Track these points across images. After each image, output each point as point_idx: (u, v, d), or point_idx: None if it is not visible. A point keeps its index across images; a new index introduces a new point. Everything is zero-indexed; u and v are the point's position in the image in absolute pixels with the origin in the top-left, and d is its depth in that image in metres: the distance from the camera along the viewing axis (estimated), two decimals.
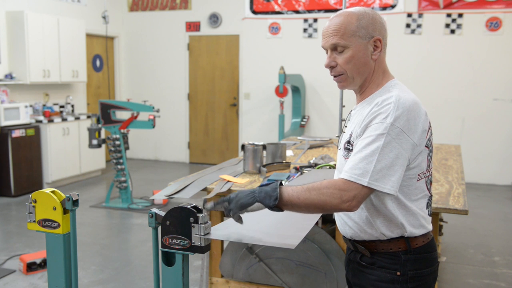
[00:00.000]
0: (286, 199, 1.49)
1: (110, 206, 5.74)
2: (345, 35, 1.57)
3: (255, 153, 3.06)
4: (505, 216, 5.65)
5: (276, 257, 2.71)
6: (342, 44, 1.57)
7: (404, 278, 1.57)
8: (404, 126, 1.47)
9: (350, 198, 1.44)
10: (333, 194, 1.44)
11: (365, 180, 1.43)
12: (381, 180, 1.44)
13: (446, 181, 2.90)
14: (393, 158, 1.45)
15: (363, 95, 1.65)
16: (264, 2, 7.92)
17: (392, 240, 1.57)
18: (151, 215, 1.53)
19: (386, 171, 1.44)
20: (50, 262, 1.64)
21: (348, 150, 1.59)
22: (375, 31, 1.59)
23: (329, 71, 1.66)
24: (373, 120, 1.49)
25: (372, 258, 1.60)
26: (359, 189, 1.44)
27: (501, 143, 7.06)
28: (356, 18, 1.57)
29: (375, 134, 1.46)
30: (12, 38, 6.53)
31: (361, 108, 1.63)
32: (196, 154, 8.72)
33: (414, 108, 1.50)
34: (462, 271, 4.01)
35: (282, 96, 7.04)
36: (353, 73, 1.60)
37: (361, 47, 1.58)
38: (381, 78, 1.63)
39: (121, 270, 3.98)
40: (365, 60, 1.59)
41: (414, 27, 7.23)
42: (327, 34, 1.61)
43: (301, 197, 1.47)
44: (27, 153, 6.36)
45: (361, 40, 1.57)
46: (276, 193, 1.48)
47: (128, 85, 8.95)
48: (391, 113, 1.47)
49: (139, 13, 8.71)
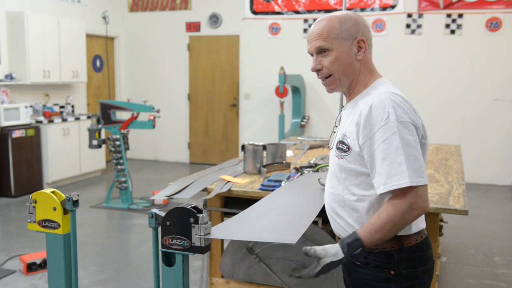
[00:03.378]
0: (369, 247, 1.53)
1: (110, 206, 5.74)
2: (328, 38, 1.61)
3: (255, 153, 3.06)
4: (505, 216, 5.65)
5: (276, 257, 2.71)
6: (326, 47, 1.61)
7: (398, 277, 1.58)
8: (406, 116, 1.51)
9: (416, 203, 1.47)
10: (402, 213, 1.47)
11: (407, 181, 1.45)
12: (419, 175, 1.47)
13: (446, 181, 2.90)
14: (413, 149, 1.48)
15: (352, 95, 1.68)
16: (264, 3, 7.92)
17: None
18: (151, 216, 1.53)
19: (417, 164, 1.48)
20: (50, 263, 1.64)
21: (341, 150, 1.60)
22: (358, 32, 1.62)
23: (316, 74, 1.69)
24: (375, 124, 1.51)
25: (366, 258, 1.60)
26: (412, 191, 1.47)
27: (501, 143, 7.06)
28: (338, 21, 1.61)
29: (387, 136, 1.48)
30: (12, 39, 6.53)
31: (351, 108, 1.65)
32: (196, 155, 8.72)
33: (404, 99, 1.55)
34: (462, 271, 4.01)
35: (282, 96, 7.04)
36: (339, 74, 1.63)
37: (344, 48, 1.61)
38: (368, 77, 1.66)
39: (121, 270, 3.98)
40: (349, 61, 1.62)
41: (414, 27, 7.23)
42: (311, 38, 1.65)
43: (383, 238, 1.52)
44: (27, 154, 6.37)
45: (345, 41, 1.61)
46: (360, 251, 1.51)
47: (128, 86, 8.95)
48: (390, 111, 1.50)
49: (139, 13, 8.71)
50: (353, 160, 1.57)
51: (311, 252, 1.50)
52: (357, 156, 1.56)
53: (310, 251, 1.50)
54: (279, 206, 2.08)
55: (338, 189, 1.64)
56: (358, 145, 1.55)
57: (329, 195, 1.70)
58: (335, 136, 1.70)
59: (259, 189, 2.64)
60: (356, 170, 1.58)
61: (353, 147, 1.56)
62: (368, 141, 1.52)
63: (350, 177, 1.60)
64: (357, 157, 1.56)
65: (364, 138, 1.52)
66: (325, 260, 1.50)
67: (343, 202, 1.62)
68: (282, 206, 2.08)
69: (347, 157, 1.58)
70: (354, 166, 1.57)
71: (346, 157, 1.59)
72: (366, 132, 1.52)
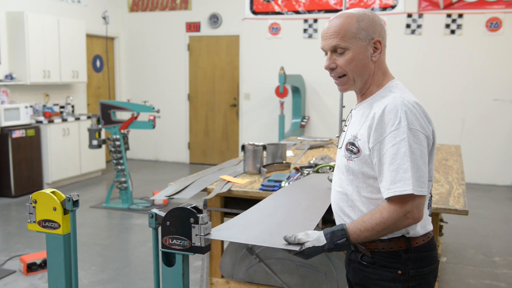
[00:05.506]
0: (354, 242, 1.55)
1: (110, 206, 5.74)
2: (345, 37, 1.57)
3: (255, 153, 3.06)
4: (505, 216, 5.65)
5: (276, 257, 2.71)
6: (342, 46, 1.57)
7: (405, 277, 1.58)
8: (418, 124, 1.50)
9: (411, 212, 1.48)
10: (396, 219, 1.49)
11: (410, 188, 1.45)
12: (420, 185, 1.47)
13: (446, 182, 2.90)
14: (418, 158, 1.48)
15: (364, 95, 1.66)
16: (264, 3, 7.92)
17: (393, 240, 1.58)
18: (151, 216, 1.53)
19: (419, 173, 1.48)
20: (50, 263, 1.64)
21: (351, 152, 1.59)
22: (375, 33, 1.59)
23: (329, 73, 1.66)
24: (387, 128, 1.50)
25: (373, 258, 1.60)
26: (411, 200, 1.47)
27: (501, 143, 7.05)
28: (356, 20, 1.57)
29: (396, 141, 1.48)
30: (12, 39, 6.53)
31: (363, 108, 1.63)
32: (196, 155, 8.72)
33: (419, 106, 1.54)
34: (463, 272, 4.01)
35: (282, 96, 7.04)
36: (354, 75, 1.60)
37: (361, 49, 1.58)
38: (381, 79, 1.64)
39: (121, 270, 3.98)
40: (365, 62, 1.59)
41: (414, 27, 7.23)
42: (326, 36, 1.60)
43: (370, 238, 1.54)
44: (27, 154, 6.36)
45: (361, 42, 1.57)
46: (344, 241, 1.52)
47: (128, 86, 8.95)
48: (402, 116, 1.49)
49: (139, 13, 8.71)
50: (362, 162, 1.57)
51: (291, 239, 1.51)
52: (367, 159, 1.55)
53: (291, 238, 1.52)
54: (283, 208, 2.07)
55: (348, 189, 1.63)
56: (368, 148, 1.54)
57: (337, 194, 1.68)
58: (344, 135, 1.69)
59: (259, 189, 2.64)
60: (364, 173, 1.57)
61: (363, 150, 1.56)
62: (378, 145, 1.51)
63: (358, 179, 1.59)
64: (366, 160, 1.56)
65: (374, 141, 1.52)
66: (307, 244, 1.50)
67: (352, 202, 1.62)
68: (285, 208, 2.07)
69: (357, 159, 1.58)
70: (363, 168, 1.57)
71: (355, 159, 1.58)
72: (377, 135, 1.51)
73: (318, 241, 1.50)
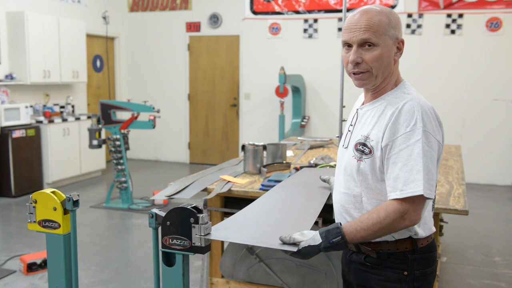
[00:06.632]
0: (351, 241, 1.52)
1: (111, 206, 5.74)
2: (377, 32, 1.53)
3: (255, 153, 3.06)
4: (505, 216, 5.65)
5: (277, 257, 2.71)
6: (373, 41, 1.53)
7: (411, 278, 1.58)
8: (431, 128, 1.49)
9: (408, 214, 1.47)
10: (393, 220, 1.47)
11: (420, 189, 1.44)
12: (429, 188, 1.46)
13: (447, 182, 2.90)
14: (429, 161, 1.47)
15: (377, 94, 1.63)
16: (264, 3, 7.92)
17: (399, 241, 1.58)
18: (152, 216, 1.53)
19: (429, 176, 1.47)
20: (50, 263, 1.64)
21: (362, 152, 1.57)
22: (400, 33, 1.59)
23: (349, 67, 1.59)
24: (401, 128, 1.49)
25: (378, 259, 1.60)
26: (411, 202, 1.46)
27: (502, 143, 7.05)
28: (386, 17, 1.55)
29: (411, 142, 1.47)
30: (13, 39, 6.53)
31: (374, 109, 1.61)
32: (196, 155, 8.72)
33: (434, 111, 1.55)
34: (463, 272, 4.01)
35: (282, 96, 7.04)
36: (378, 72, 1.57)
37: (388, 47, 1.56)
38: (395, 78, 1.64)
39: (121, 270, 3.98)
40: (389, 61, 1.58)
41: (414, 27, 7.23)
42: (356, 28, 1.54)
43: (366, 238, 1.51)
44: (28, 154, 6.36)
45: (389, 40, 1.56)
46: (339, 239, 1.50)
47: (128, 86, 8.95)
48: (418, 118, 1.48)
49: (139, 13, 8.71)
50: (372, 163, 1.55)
51: (287, 240, 1.49)
52: (378, 159, 1.54)
53: (286, 238, 1.50)
54: (279, 206, 2.07)
55: (355, 191, 1.60)
56: (381, 147, 1.52)
57: (342, 195, 1.65)
58: (350, 135, 1.66)
59: (259, 189, 2.64)
60: (376, 174, 1.55)
61: (375, 150, 1.54)
62: (390, 143, 1.50)
63: (367, 180, 1.57)
64: (377, 160, 1.54)
65: (387, 140, 1.51)
66: (302, 244, 1.48)
67: (360, 204, 1.60)
68: (282, 207, 2.07)
69: (368, 160, 1.55)
70: (374, 169, 1.55)
71: (366, 160, 1.56)
72: (390, 134, 1.50)
73: (314, 240, 1.49)
